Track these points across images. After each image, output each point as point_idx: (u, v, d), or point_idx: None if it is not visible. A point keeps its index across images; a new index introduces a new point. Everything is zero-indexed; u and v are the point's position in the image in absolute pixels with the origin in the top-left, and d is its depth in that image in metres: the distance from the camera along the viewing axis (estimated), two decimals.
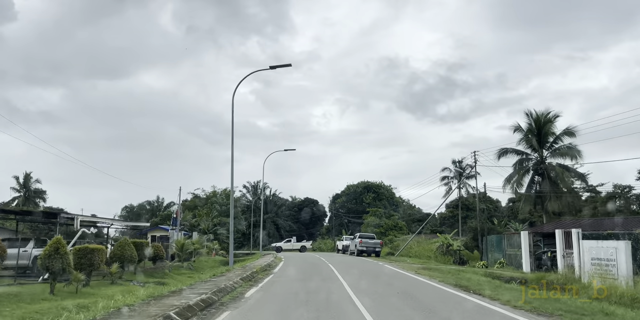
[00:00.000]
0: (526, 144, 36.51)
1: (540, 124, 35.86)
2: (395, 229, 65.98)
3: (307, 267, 24.10)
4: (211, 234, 47.91)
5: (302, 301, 10.78)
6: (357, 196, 76.82)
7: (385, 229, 65.18)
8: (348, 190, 78.98)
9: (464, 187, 74.50)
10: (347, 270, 21.26)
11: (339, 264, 26.00)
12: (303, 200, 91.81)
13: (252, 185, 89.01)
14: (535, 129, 35.92)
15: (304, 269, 23.06)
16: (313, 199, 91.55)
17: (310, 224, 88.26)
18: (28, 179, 67.55)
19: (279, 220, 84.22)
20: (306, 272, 20.60)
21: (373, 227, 65.33)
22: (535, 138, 35.57)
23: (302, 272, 20.68)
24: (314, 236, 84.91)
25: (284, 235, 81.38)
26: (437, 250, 35.60)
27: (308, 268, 23.52)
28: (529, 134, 36.26)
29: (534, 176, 35.82)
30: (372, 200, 75.31)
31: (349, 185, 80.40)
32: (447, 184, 75.85)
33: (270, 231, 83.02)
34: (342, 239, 51.46)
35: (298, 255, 43.63)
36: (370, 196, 75.68)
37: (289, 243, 62.87)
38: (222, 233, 50.20)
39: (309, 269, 22.30)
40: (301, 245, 61.58)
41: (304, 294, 12.29)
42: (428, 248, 39.71)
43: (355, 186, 78.93)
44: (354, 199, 76.67)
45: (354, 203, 76.21)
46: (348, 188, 79.61)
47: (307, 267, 24.73)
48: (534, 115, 36.35)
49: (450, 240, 35.13)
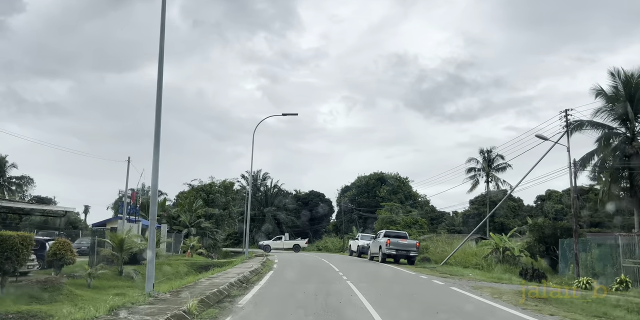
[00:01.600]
0: (611, 115, 26.88)
1: (632, 87, 26.27)
2: (415, 226, 56.56)
3: (316, 291, 12.49)
4: (193, 228, 38.68)
5: None
6: (369, 189, 67.28)
7: (403, 227, 55.80)
8: (359, 182, 69.47)
9: (492, 180, 64.96)
10: (393, 302, 11.12)
11: (366, 281, 16.21)
12: (308, 194, 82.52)
13: (251, 175, 79.71)
14: (625, 92, 26.30)
15: (308, 294, 11.78)
16: (319, 193, 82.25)
17: (316, 220, 78.90)
18: (2, 163, 58.56)
19: (280, 215, 74.89)
20: (316, 306, 9.82)
21: (388, 224, 56.02)
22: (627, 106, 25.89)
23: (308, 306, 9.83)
24: (319, 233, 75.67)
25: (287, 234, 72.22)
26: (488, 255, 26.14)
27: (318, 292, 12.23)
28: (615, 101, 26.66)
29: (623, 157, 26.16)
30: (387, 193, 65.76)
31: (360, 176, 70.92)
32: (474, 177, 66.50)
33: (270, 227, 73.78)
34: (357, 237, 41.24)
35: (295, 258, 34.16)
36: (384, 189, 66.11)
37: (279, 241, 53.46)
38: (208, 227, 40.96)
39: (322, 299, 10.95)
40: (294, 244, 52.34)
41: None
42: (470, 252, 30.26)
43: (367, 178, 69.41)
44: (366, 191, 67.14)
45: (365, 196, 66.70)
46: (359, 180, 70.10)
47: (314, 288, 13.17)
48: (622, 76, 26.73)
49: (508, 243, 25.61)
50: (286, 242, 52.19)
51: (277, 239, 53.68)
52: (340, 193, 71.76)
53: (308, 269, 22.85)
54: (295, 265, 25.79)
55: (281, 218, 74.41)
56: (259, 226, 74.86)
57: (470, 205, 75.11)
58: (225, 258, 37.70)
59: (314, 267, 24.30)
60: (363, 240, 36.97)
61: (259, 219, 75.34)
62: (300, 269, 22.75)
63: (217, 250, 43.71)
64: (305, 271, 20.75)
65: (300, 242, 53.01)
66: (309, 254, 42.35)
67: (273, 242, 52.02)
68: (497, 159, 64.41)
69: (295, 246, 51.44)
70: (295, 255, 41.38)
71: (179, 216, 39.44)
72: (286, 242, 52.19)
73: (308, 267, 24.42)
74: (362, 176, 70.80)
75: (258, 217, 75.48)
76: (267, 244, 50.92)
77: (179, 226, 39.16)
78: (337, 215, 72.62)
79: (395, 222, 56.36)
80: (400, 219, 56.80)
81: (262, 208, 76.17)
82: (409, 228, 56.30)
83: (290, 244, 51.96)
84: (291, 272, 19.75)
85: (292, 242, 52.71)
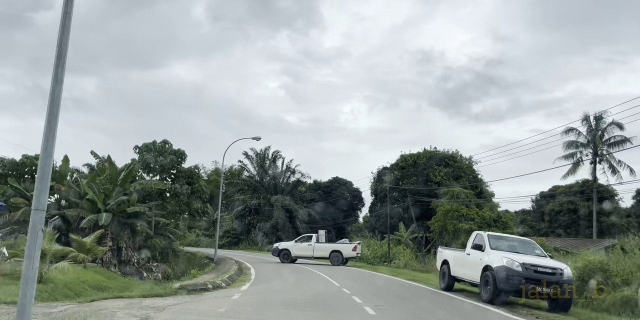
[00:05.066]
0: None
1: None
2: (496, 226, 36.98)
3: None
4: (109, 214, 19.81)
5: None
6: (418, 171, 47.43)
7: (478, 225, 36.33)
8: (403, 162, 49.64)
9: (603, 160, 44.41)
10: None
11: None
12: (331, 181, 63.33)
13: (257, 153, 60.83)
14: None
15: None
16: (345, 180, 62.90)
17: (341, 215, 59.60)
18: None
19: (293, 206, 55.72)
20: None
21: (454, 220, 36.69)
22: None
23: None
24: (343, 232, 56.36)
25: (302, 231, 53.00)
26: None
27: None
28: None
29: None
30: (445, 178, 45.93)
31: (403, 155, 51.06)
32: (572, 156, 46.11)
33: (279, 222, 54.73)
34: (477, 243, 15.30)
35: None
36: (442, 171, 46.22)
37: (307, 243, 29.32)
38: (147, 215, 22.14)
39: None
40: (334, 250, 28.61)
41: None
42: None
43: (415, 156, 49.57)
44: (414, 175, 47.30)
45: (413, 181, 46.95)
46: (402, 159, 50.25)
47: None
48: None
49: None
50: (319, 247, 29.01)
51: (302, 240, 30.22)
52: (376, 177, 51.99)
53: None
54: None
55: (294, 209, 55.19)
56: (263, 220, 55.85)
57: (537, 201, 55.45)
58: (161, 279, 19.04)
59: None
60: (506, 254, 13.34)
61: (266, 211, 56.32)
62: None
63: (172, 257, 24.87)
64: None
65: (344, 247, 29.20)
66: (353, 273, 22.45)
67: (296, 245, 29.47)
68: (611, 129, 44.04)
69: (335, 254, 28.25)
70: (332, 273, 19.97)
71: (87, 194, 20.54)
72: (319, 247, 29.01)
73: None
74: (406, 155, 50.94)
75: (264, 208, 56.45)
76: (285, 249, 29.28)
77: (86, 211, 20.32)
78: (371, 207, 52.90)
79: (467, 217, 36.91)
80: (473, 214, 37.08)
81: (269, 196, 57.11)
82: (488, 227, 36.65)
83: (326, 249, 28.85)
84: None
85: (330, 246, 29.62)
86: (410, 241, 37.57)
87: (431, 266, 29.61)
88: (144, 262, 21.86)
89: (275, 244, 31.52)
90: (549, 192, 54.03)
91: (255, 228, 56.07)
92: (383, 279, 17.99)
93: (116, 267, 20.73)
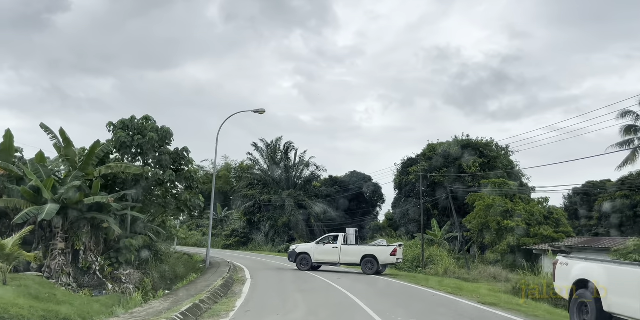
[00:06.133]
0: None
1: None
2: (547, 223, 31.33)
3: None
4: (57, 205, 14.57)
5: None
6: (448, 162, 41.65)
7: (527, 223, 30.78)
8: (430, 152, 43.89)
9: None
10: None
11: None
12: (349, 175, 57.63)
13: (267, 144, 55.48)
14: None
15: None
16: (363, 174, 57.19)
17: (358, 212, 53.97)
18: None
19: (307, 201, 50.28)
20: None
21: (498, 216, 31.17)
22: None
23: None
24: (362, 231, 50.70)
25: (317, 230, 47.59)
26: None
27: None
28: None
29: None
30: (481, 168, 40.11)
31: (431, 144, 45.33)
32: (629, 143, 39.82)
33: (292, 219, 49.31)
34: None
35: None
36: (477, 162, 40.39)
37: (332, 246, 22.34)
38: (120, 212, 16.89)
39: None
40: (367, 255, 21.39)
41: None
42: None
43: (445, 145, 43.80)
44: (444, 166, 41.51)
45: (444, 173, 41.13)
46: (430, 148, 44.51)
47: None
48: None
49: None
50: (348, 250, 21.98)
51: (326, 241, 22.91)
52: (400, 169, 46.26)
53: None
54: None
55: (308, 205, 49.76)
56: (274, 218, 50.48)
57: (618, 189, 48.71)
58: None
59: None
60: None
61: (277, 207, 50.95)
62: None
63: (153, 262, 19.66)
64: None
65: (380, 251, 21.59)
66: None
67: (318, 248, 22.48)
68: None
69: (368, 260, 21.22)
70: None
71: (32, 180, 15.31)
72: (348, 250, 21.98)
73: None
74: (434, 144, 45.20)
75: (275, 204, 51.08)
76: (303, 253, 22.54)
77: (26, 202, 15.08)
78: (395, 203, 47.18)
79: (510, 212, 31.30)
80: (520, 209, 31.39)
81: (281, 191, 51.73)
82: (539, 225, 30.99)
83: (357, 253, 21.69)
84: None
85: (363, 249, 22.13)
86: (446, 241, 31.82)
87: (478, 273, 23.90)
88: (111, 270, 16.59)
89: (292, 246, 23.96)
90: (583, 188, 47.57)
91: (265, 226, 50.76)
92: (456, 307, 11.54)
93: (70, 277, 15.50)
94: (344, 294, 12.71)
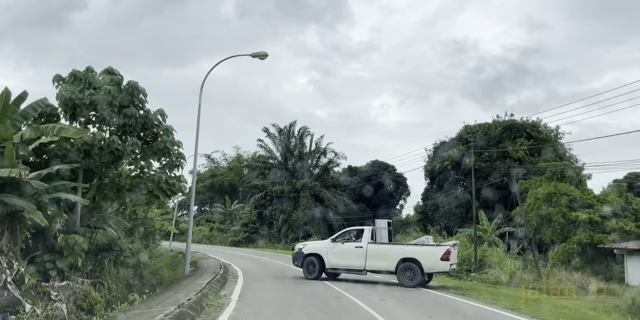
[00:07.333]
0: None
1: None
2: (627, 215, 25.07)
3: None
4: None
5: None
6: (491, 144, 35.49)
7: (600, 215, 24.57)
8: (467, 134, 37.74)
9: None
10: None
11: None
12: (370, 164, 51.70)
13: (279, 129, 49.87)
14: None
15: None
16: (387, 164, 51.14)
17: (381, 205, 48.05)
18: None
19: (324, 192, 44.55)
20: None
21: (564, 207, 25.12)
22: None
23: None
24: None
25: (335, 224, 41.79)
26: None
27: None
28: None
29: None
30: (529, 153, 33.98)
31: (468, 126, 39.17)
32: None
33: (307, 213, 43.59)
34: None
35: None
36: (525, 144, 34.25)
37: (355, 244, 15.72)
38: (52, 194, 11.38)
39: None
40: (406, 258, 14.79)
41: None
42: None
43: (485, 127, 37.63)
44: (485, 148, 35.37)
45: (485, 158, 35.00)
46: (467, 131, 38.37)
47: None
48: None
49: None
50: (378, 251, 15.46)
51: (345, 238, 16.42)
52: (432, 153, 40.25)
53: None
54: None
55: (326, 198, 44.05)
56: (288, 211, 44.90)
57: None
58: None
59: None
60: None
61: (291, 199, 45.32)
62: None
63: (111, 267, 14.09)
64: None
65: (426, 252, 14.86)
66: None
67: (334, 248, 16.01)
68: None
69: (407, 266, 14.71)
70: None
71: None
72: (378, 251, 15.46)
73: None
74: (472, 125, 39.03)
75: (288, 196, 45.43)
76: (312, 254, 16.27)
77: None
78: (425, 193, 41.19)
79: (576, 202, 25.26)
80: (590, 198, 25.25)
81: (295, 181, 46.12)
82: (616, 218, 24.77)
83: (391, 255, 15.12)
84: None
85: (399, 249, 15.43)
86: (499, 238, 25.78)
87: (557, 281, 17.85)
88: (34, 281, 11.13)
89: (298, 245, 17.43)
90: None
91: (277, 221, 45.15)
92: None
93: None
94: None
